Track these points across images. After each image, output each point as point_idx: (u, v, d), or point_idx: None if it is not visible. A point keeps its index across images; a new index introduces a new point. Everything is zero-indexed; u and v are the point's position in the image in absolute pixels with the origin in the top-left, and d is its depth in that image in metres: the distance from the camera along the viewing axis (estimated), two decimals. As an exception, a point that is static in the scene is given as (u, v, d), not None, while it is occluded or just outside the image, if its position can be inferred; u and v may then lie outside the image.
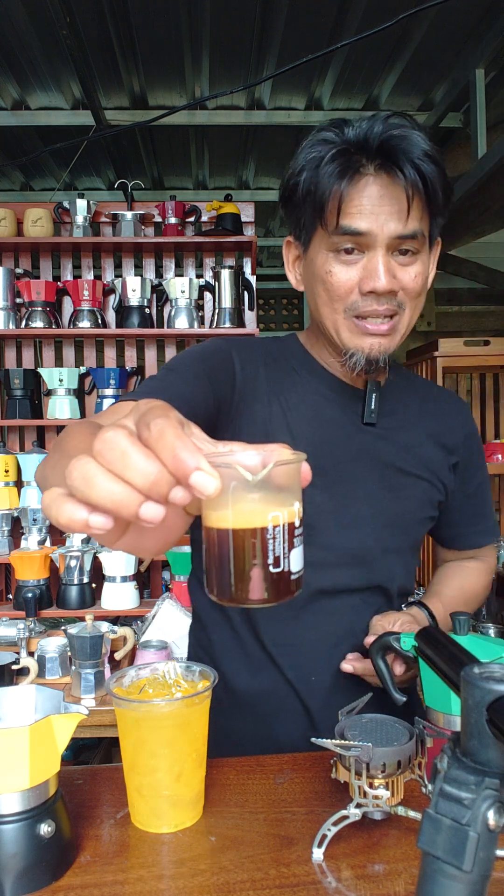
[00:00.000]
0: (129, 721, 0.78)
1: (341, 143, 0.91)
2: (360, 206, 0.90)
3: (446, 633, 0.65)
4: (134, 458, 0.42)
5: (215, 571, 0.48)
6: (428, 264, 0.97)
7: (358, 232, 0.90)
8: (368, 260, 0.92)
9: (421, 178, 0.89)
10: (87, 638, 2.04)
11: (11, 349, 3.02)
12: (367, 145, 0.90)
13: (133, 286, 2.80)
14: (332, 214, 0.91)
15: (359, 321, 0.95)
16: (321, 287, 0.96)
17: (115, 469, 0.42)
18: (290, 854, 0.72)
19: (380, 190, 0.90)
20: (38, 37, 2.55)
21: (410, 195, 0.89)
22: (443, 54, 2.69)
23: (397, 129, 0.90)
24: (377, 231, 0.90)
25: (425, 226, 0.94)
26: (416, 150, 0.89)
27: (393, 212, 0.90)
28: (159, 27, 2.50)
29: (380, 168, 0.90)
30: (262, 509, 0.47)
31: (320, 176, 0.91)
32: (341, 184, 0.89)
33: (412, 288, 0.94)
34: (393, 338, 0.97)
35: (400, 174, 0.88)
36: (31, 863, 0.68)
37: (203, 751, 0.81)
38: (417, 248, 0.93)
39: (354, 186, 0.90)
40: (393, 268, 0.92)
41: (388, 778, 0.72)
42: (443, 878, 0.44)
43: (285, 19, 2.45)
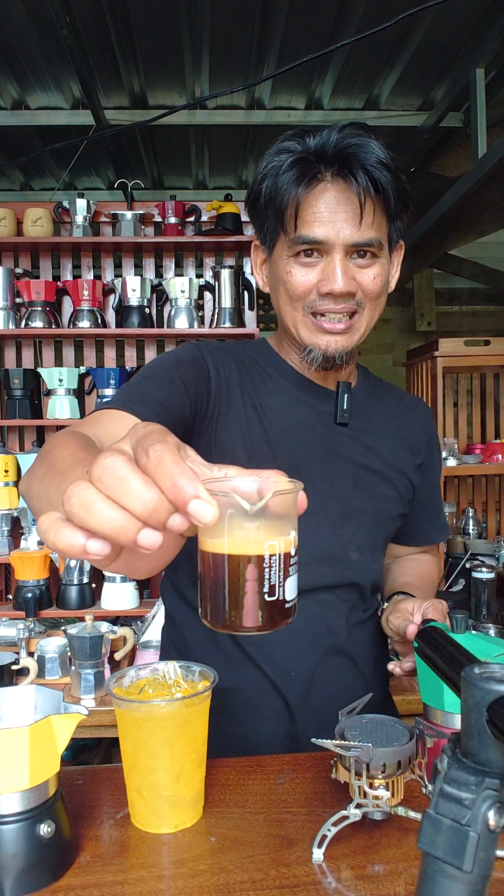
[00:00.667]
0: (129, 721, 0.78)
1: (301, 151, 0.95)
2: (316, 213, 0.94)
3: (446, 633, 0.65)
4: (133, 485, 0.42)
5: (209, 597, 0.48)
6: (388, 267, 1.01)
7: (315, 240, 0.94)
8: (326, 264, 0.96)
9: (374, 185, 0.93)
10: (87, 638, 2.04)
11: (11, 349, 3.02)
12: (324, 153, 0.94)
13: (133, 286, 2.79)
14: (291, 222, 0.95)
15: (316, 319, 0.99)
16: (282, 287, 1.00)
17: (113, 496, 0.42)
18: (290, 854, 0.72)
19: (336, 196, 0.93)
20: (38, 37, 2.55)
21: (363, 201, 0.93)
22: (443, 54, 2.69)
23: (353, 138, 0.93)
24: (333, 238, 0.94)
25: (382, 231, 0.97)
26: (370, 158, 0.93)
27: (348, 218, 0.93)
28: (159, 27, 2.50)
29: (336, 175, 0.93)
30: (259, 538, 0.47)
31: (279, 183, 0.95)
32: (298, 191, 0.93)
33: (371, 289, 0.98)
34: (351, 336, 1.00)
35: (353, 181, 0.92)
36: (31, 863, 0.68)
37: (203, 751, 0.81)
38: (375, 252, 0.97)
39: (311, 193, 0.94)
40: (351, 270, 0.96)
41: (388, 778, 0.72)
42: (443, 879, 0.44)
43: (285, 19, 2.45)
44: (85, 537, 0.43)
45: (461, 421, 3.19)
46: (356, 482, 1.07)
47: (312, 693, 1.03)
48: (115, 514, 0.42)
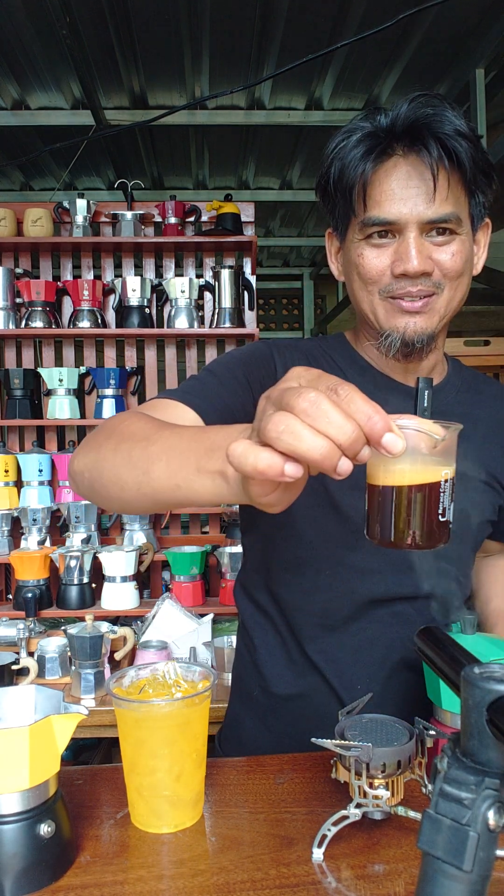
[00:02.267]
0: (129, 721, 0.78)
1: (370, 127, 0.90)
2: (386, 191, 0.88)
3: (446, 633, 0.65)
4: (336, 418, 0.47)
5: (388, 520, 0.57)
6: (469, 244, 0.93)
7: (386, 220, 0.89)
8: (400, 244, 0.90)
9: (449, 155, 0.86)
10: (87, 638, 2.04)
11: (11, 349, 3.02)
12: (395, 126, 0.88)
13: (133, 286, 2.79)
14: (360, 202, 0.90)
15: (394, 301, 0.92)
16: (355, 273, 0.94)
17: (319, 426, 0.47)
18: (290, 854, 0.72)
19: (407, 171, 0.87)
20: (38, 37, 2.55)
21: (436, 173, 0.86)
22: (443, 54, 2.69)
23: (426, 108, 0.87)
24: (406, 217, 0.88)
25: (461, 206, 0.90)
26: (444, 127, 0.86)
27: (421, 193, 0.87)
28: (159, 27, 2.50)
29: (408, 149, 0.87)
30: (437, 467, 0.56)
31: (346, 161, 0.89)
32: (365, 168, 0.88)
33: (450, 267, 0.90)
34: (430, 317, 0.93)
35: (425, 152, 0.86)
36: (31, 863, 0.68)
37: (203, 751, 0.81)
38: (453, 229, 0.90)
39: (380, 169, 0.88)
40: (427, 249, 0.89)
41: (388, 778, 0.72)
42: (443, 879, 0.44)
43: (285, 19, 2.45)
44: (283, 460, 0.48)
45: (461, 421, 3.19)
46: None
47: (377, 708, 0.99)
48: (320, 442, 0.47)
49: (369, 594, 0.98)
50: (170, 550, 2.66)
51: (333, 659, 0.99)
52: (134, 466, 0.69)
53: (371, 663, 0.99)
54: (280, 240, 5.07)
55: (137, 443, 0.70)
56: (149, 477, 0.67)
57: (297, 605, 1.00)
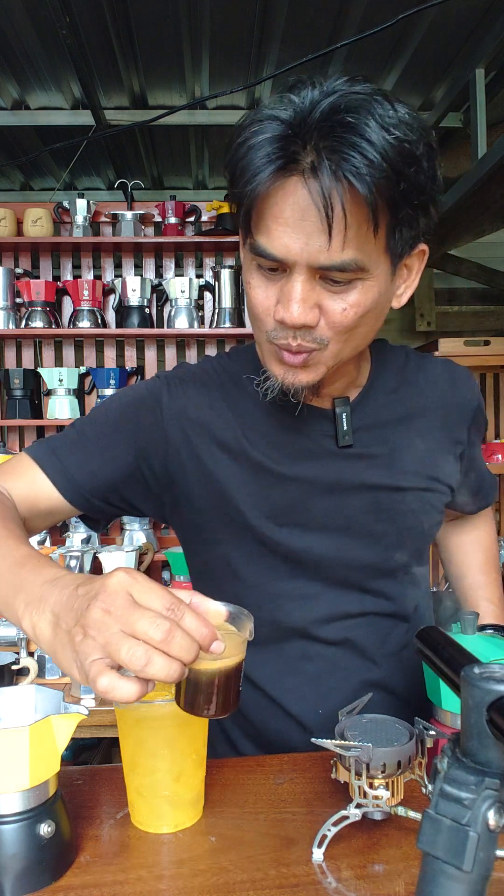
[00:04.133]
0: (128, 721, 0.78)
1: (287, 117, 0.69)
2: (279, 218, 0.71)
3: (446, 633, 0.65)
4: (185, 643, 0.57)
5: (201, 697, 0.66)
6: (379, 286, 0.76)
7: (273, 257, 0.73)
8: (286, 282, 0.75)
9: (365, 185, 0.67)
10: (87, 638, 2.04)
11: (11, 349, 3.02)
12: (307, 127, 0.68)
13: (133, 286, 2.80)
14: (248, 225, 0.75)
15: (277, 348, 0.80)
16: (247, 297, 0.81)
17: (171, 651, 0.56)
18: (290, 854, 0.72)
19: (307, 198, 0.69)
20: (38, 37, 2.55)
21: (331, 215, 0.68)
22: (443, 54, 2.69)
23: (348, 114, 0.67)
24: (295, 256, 0.72)
25: (371, 250, 0.72)
26: (365, 145, 0.66)
27: (319, 230, 0.70)
28: (159, 27, 2.50)
29: (312, 168, 0.68)
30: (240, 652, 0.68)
31: (246, 165, 0.70)
32: (260, 186, 0.70)
33: (338, 322, 0.75)
34: (313, 371, 0.80)
35: (330, 181, 0.67)
36: (31, 863, 0.68)
37: (203, 751, 0.81)
38: (352, 278, 0.73)
39: (280, 187, 0.70)
40: (316, 295, 0.74)
41: (388, 778, 0.72)
42: (443, 879, 0.44)
43: (285, 19, 2.45)
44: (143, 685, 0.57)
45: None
46: (376, 507, 0.92)
47: None
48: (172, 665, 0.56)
49: (313, 617, 0.94)
50: (170, 550, 2.66)
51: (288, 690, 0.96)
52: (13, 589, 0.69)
53: (331, 688, 0.96)
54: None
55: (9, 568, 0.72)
56: None
57: None
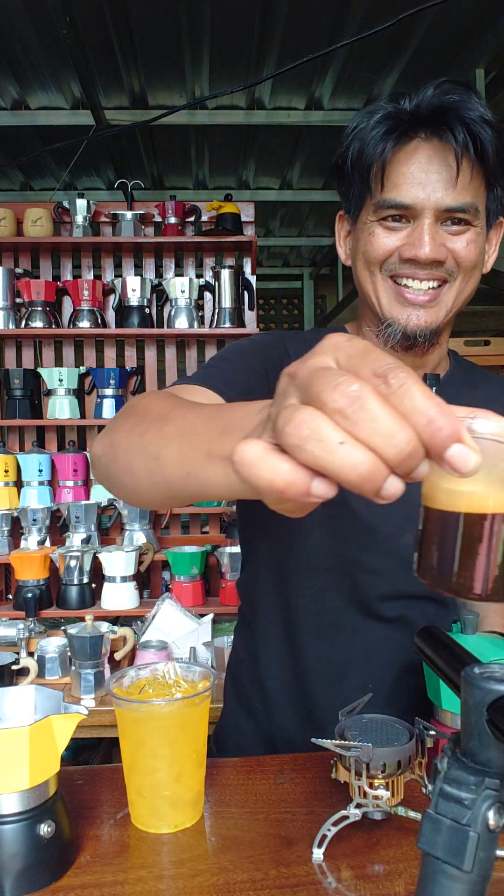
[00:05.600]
0: (129, 721, 0.78)
1: (393, 108, 0.87)
2: (406, 173, 0.85)
3: (446, 633, 0.65)
4: (385, 423, 0.33)
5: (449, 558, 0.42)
6: (483, 238, 0.90)
7: (402, 204, 0.86)
8: (413, 229, 0.87)
9: (475, 144, 0.83)
10: (87, 638, 2.04)
11: (11, 349, 3.02)
12: (419, 109, 0.85)
13: (133, 286, 2.79)
14: (377, 182, 0.87)
15: (398, 286, 0.89)
16: (361, 253, 0.91)
17: (361, 435, 0.34)
18: (290, 854, 0.72)
19: (429, 155, 0.85)
20: (38, 37, 2.55)
21: (460, 160, 0.83)
22: (443, 54, 2.69)
23: (452, 94, 0.84)
24: (423, 201, 0.85)
25: (480, 198, 0.87)
26: (471, 114, 0.83)
27: (441, 180, 0.84)
28: (159, 27, 2.50)
29: (431, 133, 0.85)
30: None
31: (366, 141, 0.86)
32: (385, 147, 0.85)
33: (465, 256, 0.87)
34: (437, 311, 0.89)
35: (451, 136, 0.83)
36: (31, 863, 0.68)
37: (203, 751, 0.81)
38: (470, 220, 0.87)
39: (401, 151, 0.85)
40: (441, 237, 0.86)
41: (388, 778, 0.72)
42: (443, 879, 0.44)
43: (285, 19, 2.45)
44: (310, 477, 0.35)
45: (461, 421, 3.19)
46: None
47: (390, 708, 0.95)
48: (361, 456, 0.33)
49: (378, 594, 0.95)
50: (170, 550, 2.66)
51: (337, 662, 0.97)
52: (145, 451, 0.61)
53: (381, 663, 0.97)
54: (280, 240, 5.07)
55: (152, 423, 0.62)
56: (159, 463, 0.58)
57: (306, 606, 0.98)
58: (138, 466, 0.62)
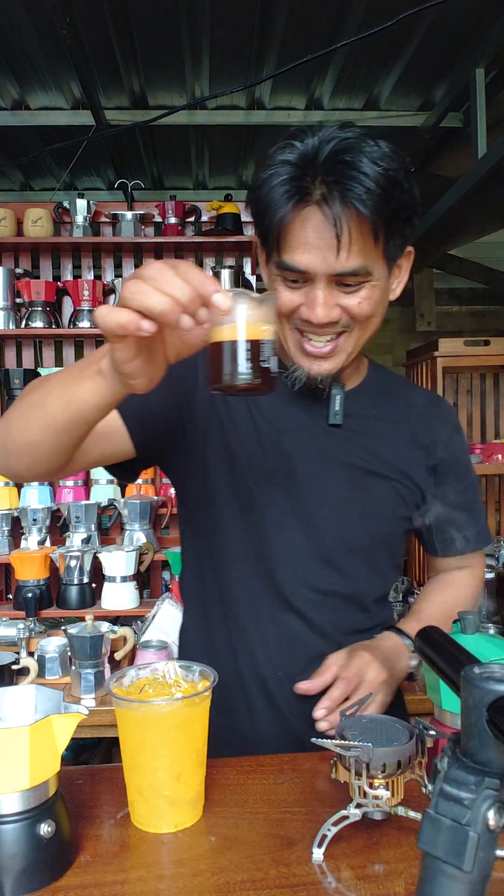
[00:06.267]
0: (129, 721, 0.78)
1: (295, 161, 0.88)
2: (300, 238, 0.89)
3: (446, 634, 0.65)
4: (176, 281, 0.63)
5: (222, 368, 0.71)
6: (381, 286, 0.94)
7: (298, 269, 0.90)
8: (309, 290, 0.91)
9: (360, 209, 0.85)
10: (87, 638, 2.04)
11: (11, 349, 3.02)
12: (314, 168, 0.87)
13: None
14: (275, 246, 0.92)
15: (302, 338, 0.96)
16: None
17: (163, 288, 0.63)
18: (290, 854, 0.72)
19: (321, 221, 0.87)
20: (38, 37, 2.55)
21: (340, 233, 0.86)
22: (443, 54, 2.69)
23: (346, 154, 0.86)
24: (316, 268, 0.89)
25: (374, 255, 0.90)
26: (362, 177, 0.85)
27: (333, 247, 0.87)
28: (159, 27, 2.50)
29: (323, 198, 0.86)
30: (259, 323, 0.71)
31: (270, 200, 0.89)
32: (284, 214, 0.88)
33: (357, 313, 0.93)
34: (336, 359, 0.96)
35: (339, 207, 0.85)
36: (31, 863, 0.68)
37: (203, 751, 0.81)
38: (362, 281, 0.91)
39: (298, 215, 0.88)
40: (335, 297, 0.91)
41: (388, 778, 0.72)
42: (443, 879, 0.44)
43: (285, 19, 2.44)
44: (139, 318, 0.63)
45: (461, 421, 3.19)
46: (352, 484, 1.04)
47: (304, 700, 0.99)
48: (164, 298, 0.62)
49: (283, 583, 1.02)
50: (170, 550, 2.66)
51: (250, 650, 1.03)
52: (33, 406, 0.82)
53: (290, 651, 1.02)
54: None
55: (37, 388, 0.84)
56: (46, 408, 0.79)
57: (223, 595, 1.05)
58: (30, 420, 0.82)
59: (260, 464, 1.02)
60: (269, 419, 1.03)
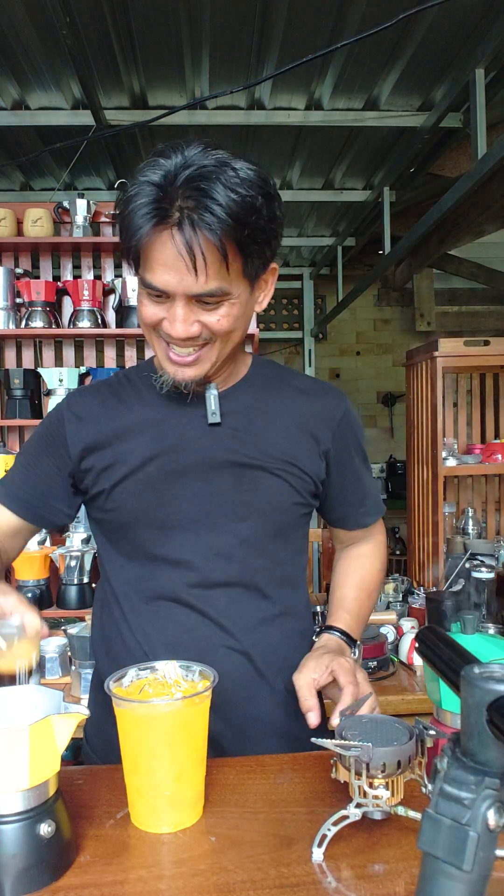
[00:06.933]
0: (129, 721, 0.78)
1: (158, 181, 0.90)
2: (159, 259, 0.92)
3: (446, 633, 0.65)
4: None
5: None
6: (241, 302, 0.97)
7: (157, 289, 0.94)
8: (170, 306, 0.95)
9: (216, 235, 0.88)
10: (87, 638, 2.04)
11: (11, 349, 3.02)
12: (174, 190, 0.89)
13: (133, 286, 2.79)
14: (136, 265, 0.96)
15: (167, 346, 1.00)
16: (139, 312, 1.01)
17: None
18: (290, 854, 0.72)
19: (179, 245, 0.90)
20: (38, 37, 2.55)
21: (194, 258, 0.89)
22: (443, 54, 2.69)
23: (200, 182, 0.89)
24: (175, 288, 0.92)
25: (229, 279, 0.93)
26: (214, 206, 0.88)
27: (190, 269, 0.90)
28: (159, 27, 2.50)
29: (178, 223, 0.89)
30: None
31: (131, 221, 0.92)
32: (143, 237, 0.91)
33: (217, 328, 0.96)
34: (201, 366, 1.00)
35: (192, 233, 0.88)
36: (31, 863, 0.68)
37: (203, 751, 0.81)
38: (219, 300, 0.94)
39: (159, 238, 0.91)
40: (195, 314, 0.95)
41: (388, 778, 0.72)
42: (443, 878, 0.44)
43: (285, 19, 2.44)
44: None
45: (461, 421, 3.19)
46: (238, 479, 1.06)
47: None
48: None
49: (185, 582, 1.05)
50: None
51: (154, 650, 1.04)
52: None
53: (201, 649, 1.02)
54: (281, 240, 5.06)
55: None
56: None
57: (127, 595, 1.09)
58: None
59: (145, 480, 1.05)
60: (147, 433, 1.07)
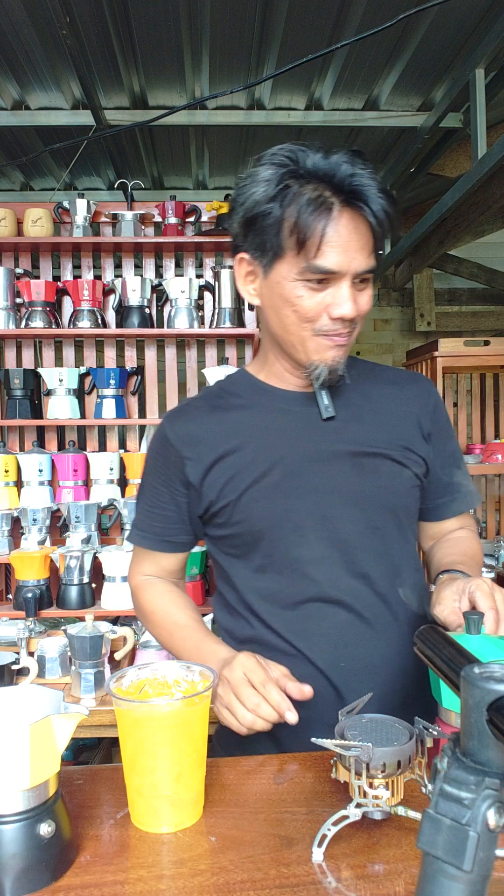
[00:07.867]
0: (128, 721, 0.78)
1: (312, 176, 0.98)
2: (333, 244, 0.98)
3: (446, 633, 0.65)
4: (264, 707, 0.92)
5: None
6: (372, 287, 1.08)
7: (330, 271, 0.99)
8: (336, 290, 1.01)
9: (377, 216, 0.98)
10: (87, 638, 2.04)
11: (11, 349, 3.02)
12: (336, 182, 0.97)
13: (133, 286, 2.80)
14: (312, 252, 0.99)
15: (324, 338, 1.05)
16: (290, 309, 1.03)
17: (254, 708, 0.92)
18: (290, 854, 0.72)
19: (348, 228, 0.98)
20: (38, 37, 2.55)
21: (373, 233, 1.00)
22: (443, 54, 2.69)
23: (362, 169, 0.98)
24: (346, 268, 0.99)
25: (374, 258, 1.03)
26: (376, 188, 0.98)
27: (359, 248, 0.99)
28: (159, 27, 2.50)
29: (345, 204, 0.98)
30: None
31: (300, 213, 0.97)
32: (322, 225, 0.97)
33: (365, 309, 1.05)
34: (348, 348, 1.09)
35: (368, 212, 0.98)
36: (31, 863, 0.68)
37: (203, 751, 0.81)
38: (368, 278, 1.04)
39: (330, 225, 0.97)
40: (353, 295, 1.02)
41: (388, 778, 0.72)
42: (443, 878, 0.44)
43: (285, 19, 2.45)
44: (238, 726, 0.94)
45: (461, 421, 3.19)
46: (358, 468, 1.09)
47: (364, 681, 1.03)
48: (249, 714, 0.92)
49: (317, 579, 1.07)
50: (170, 550, 2.66)
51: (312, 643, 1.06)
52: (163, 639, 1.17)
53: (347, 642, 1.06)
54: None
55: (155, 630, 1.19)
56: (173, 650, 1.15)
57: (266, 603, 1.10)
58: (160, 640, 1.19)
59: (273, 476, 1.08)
60: (256, 438, 1.10)
